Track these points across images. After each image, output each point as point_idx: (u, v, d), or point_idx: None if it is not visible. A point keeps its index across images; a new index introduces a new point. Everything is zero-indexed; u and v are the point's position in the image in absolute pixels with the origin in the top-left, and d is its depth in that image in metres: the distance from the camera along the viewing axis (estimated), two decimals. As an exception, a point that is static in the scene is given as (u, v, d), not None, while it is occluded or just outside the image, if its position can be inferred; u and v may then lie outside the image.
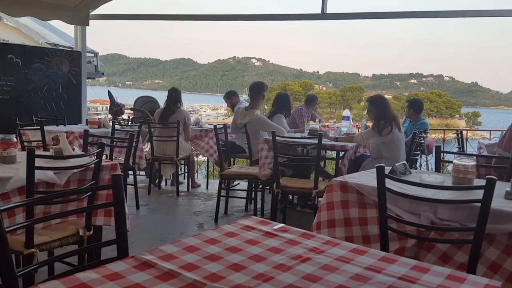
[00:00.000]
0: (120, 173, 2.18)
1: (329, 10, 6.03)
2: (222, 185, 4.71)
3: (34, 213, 2.24)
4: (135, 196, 4.91)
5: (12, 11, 6.31)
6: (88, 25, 6.84)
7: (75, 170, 2.51)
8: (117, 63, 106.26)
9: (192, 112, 41.94)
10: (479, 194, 1.82)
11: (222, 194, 4.63)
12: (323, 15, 6.04)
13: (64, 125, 5.51)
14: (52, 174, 2.40)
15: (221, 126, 5.11)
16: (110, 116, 6.60)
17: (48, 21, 8.36)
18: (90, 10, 6.70)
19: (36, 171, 2.22)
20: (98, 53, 10.36)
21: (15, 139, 2.65)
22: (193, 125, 5.99)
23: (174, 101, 5.58)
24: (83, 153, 2.99)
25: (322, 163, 5.22)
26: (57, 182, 2.43)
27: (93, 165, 2.47)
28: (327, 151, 4.90)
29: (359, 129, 5.25)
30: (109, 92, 6.65)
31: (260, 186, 4.86)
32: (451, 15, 6.03)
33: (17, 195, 2.31)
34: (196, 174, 6.47)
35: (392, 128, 4.07)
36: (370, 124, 4.59)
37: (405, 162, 2.73)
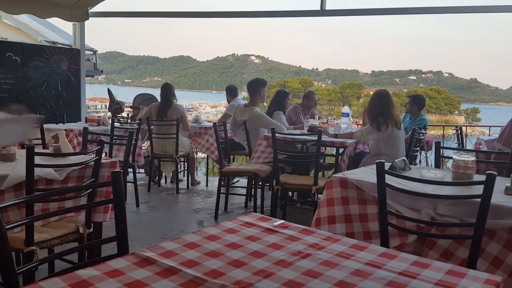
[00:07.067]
0: (119, 170, 2.17)
1: (328, 6, 6.02)
2: (222, 182, 4.71)
3: (33, 211, 2.24)
4: (135, 194, 4.91)
5: (11, 9, 6.27)
6: (88, 19, 6.77)
7: (75, 167, 2.51)
8: (116, 60, 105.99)
9: (191, 110, 41.86)
10: (479, 190, 1.82)
11: (221, 191, 4.63)
12: (322, 12, 6.03)
13: (63, 123, 5.50)
14: (50, 170, 2.39)
15: (221, 123, 5.10)
16: (109, 114, 6.60)
17: (47, 19, 8.32)
18: (88, 8, 6.67)
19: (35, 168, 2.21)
20: (97, 50, 10.34)
21: (14, 137, 2.64)
22: (192, 123, 5.98)
23: (172, 94, 5.59)
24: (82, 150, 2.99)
25: (321, 160, 5.22)
26: (55, 178, 2.43)
27: (92, 163, 2.47)
28: (327, 147, 4.90)
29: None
30: (108, 90, 6.65)
31: (260, 183, 4.86)
32: (450, 11, 6.01)
33: (11, 191, 2.31)
34: (195, 171, 6.47)
35: (391, 125, 4.06)
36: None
37: (404, 158, 2.73)
